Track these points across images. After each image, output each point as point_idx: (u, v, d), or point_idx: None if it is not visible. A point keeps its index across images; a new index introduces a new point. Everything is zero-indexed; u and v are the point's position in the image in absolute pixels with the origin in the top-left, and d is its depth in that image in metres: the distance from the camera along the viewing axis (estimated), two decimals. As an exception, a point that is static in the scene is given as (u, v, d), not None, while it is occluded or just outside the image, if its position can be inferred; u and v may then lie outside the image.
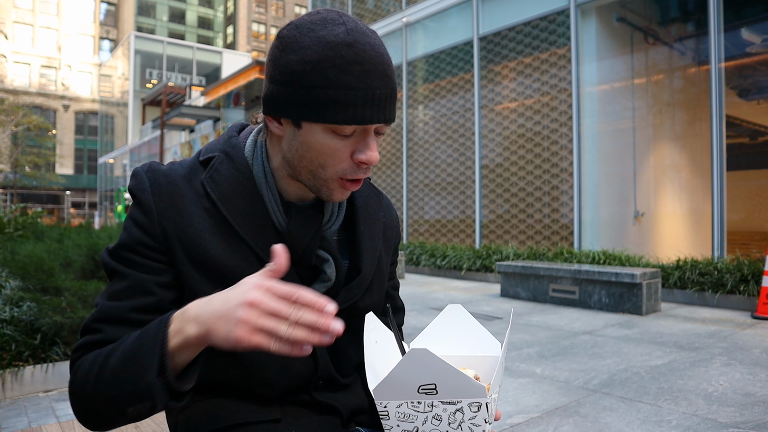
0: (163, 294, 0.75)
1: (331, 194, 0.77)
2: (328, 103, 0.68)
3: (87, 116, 45.21)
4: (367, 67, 0.68)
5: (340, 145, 0.72)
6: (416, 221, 10.98)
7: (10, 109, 29.75)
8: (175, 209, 0.76)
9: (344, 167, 0.74)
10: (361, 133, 0.73)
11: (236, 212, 0.77)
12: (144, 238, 0.75)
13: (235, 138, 0.83)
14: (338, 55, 0.68)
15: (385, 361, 0.71)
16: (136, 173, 0.79)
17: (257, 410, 0.80)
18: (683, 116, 9.66)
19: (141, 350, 0.63)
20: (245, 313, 0.58)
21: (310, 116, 0.70)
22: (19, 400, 2.81)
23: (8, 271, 3.67)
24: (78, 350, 0.72)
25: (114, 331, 0.71)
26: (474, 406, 0.60)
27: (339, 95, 0.68)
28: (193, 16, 51.16)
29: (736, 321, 4.81)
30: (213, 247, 0.75)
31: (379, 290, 0.91)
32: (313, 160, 0.74)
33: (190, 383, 0.66)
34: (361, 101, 0.68)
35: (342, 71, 0.67)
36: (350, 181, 0.75)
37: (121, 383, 0.64)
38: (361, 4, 13.00)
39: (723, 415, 2.50)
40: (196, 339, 0.62)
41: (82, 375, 0.68)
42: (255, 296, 0.58)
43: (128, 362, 0.64)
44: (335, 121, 0.69)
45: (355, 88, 0.68)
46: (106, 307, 0.73)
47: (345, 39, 0.68)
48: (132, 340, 0.66)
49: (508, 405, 2.70)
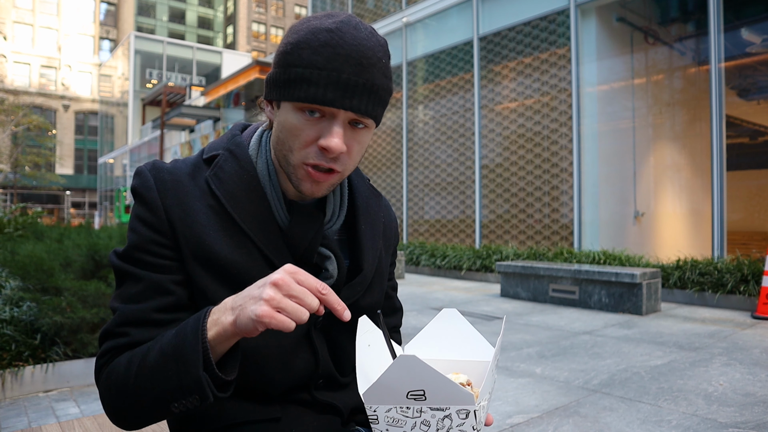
0: (180, 292, 0.75)
1: (300, 183, 0.76)
2: (295, 81, 0.70)
3: (87, 116, 45.21)
4: (338, 50, 0.69)
5: (306, 126, 0.72)
6: (416, 221, 10.98)
7: (10, 109, 29.74)
8: (181, 206, 0.76)
9: (308, 152, 0.73)
10: (329, 118, 0.72)
11: (240, 209, 0.77)
12: (154, 236, 0.75)
13: (239, 137, 0.84)
14: (315, 37, 0.70)
15: (376, 364, 0.72)
16: (139, 172, 0.79)
17: (258, 409, 0.80)
18: (683, 116, 9.66)
19: (182, 346, 0.65)
20: (269, 293, 0.61)
21: (282, 94, 0.73)
22: (19, 400, 2.81)
23: (8, 271, 3.67)
24: (104, 355, 0.73)
25: (140, 333, 0.72)
26: (462, 413, 0.60)
27: (305, 73, 0.70)
28: (193, 16, 51.16)
29: (736, 321, 4.81)
30: (218, 244, 0.76)
31: (379, 289, 0.91)
32: (285, 141, 0.75)
33: (233, 373, 0.68)
34: (324, 81, 0.69)
35: (314, 51, 0.69)
36: (314, 168, 0.74)
37: (165, 380, 0.65)
38: (361, 4, 13.00)
39: (723, 415, 2.50)
40: (231, 326, 0.64)
41: (120, 376, 0.69)
42: (281, 277, 0.62)
43: (169, 359, 0.65)
44: (298, 98, 0.71)
45: (321, 68, 0.69)
46: (128, 310, 0.73)
47: (329, 26, 0.71)
48: (170, 338, 0.67)
49: (508, 405, 2.70)
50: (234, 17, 50.56)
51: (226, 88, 17.60)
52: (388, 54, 0.76)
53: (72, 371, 3.02)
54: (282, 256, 0.78)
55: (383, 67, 0.73)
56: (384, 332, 0.74)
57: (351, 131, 0.74)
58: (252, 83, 15.36)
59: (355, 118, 0.73)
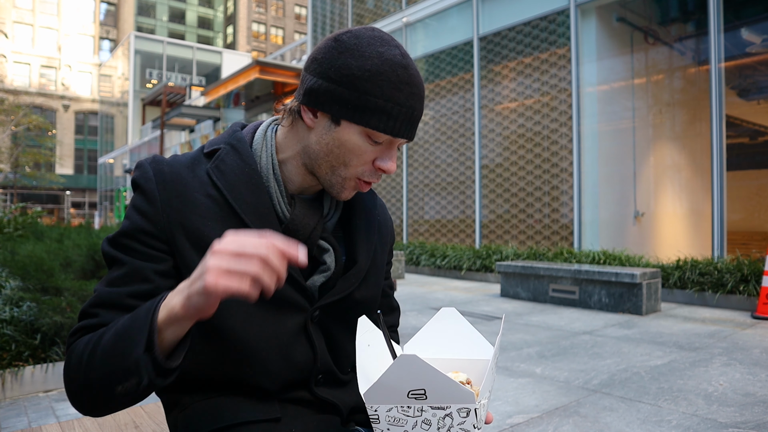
0: (160, 281, 0.76)
1: (342, 192, 0.82)
2: (375, 111, 0.75)
3: (87, 116, 45.21)
4: (413, 90, 0.77)
5: (369, 149, 0.79)
6: (416, 221, 10.98)
7: (10, 109, 29.73)
8: (180, 197, 0.78)
9: (364, 170, 0.81)
10: (388, 144, 0.80)
11: (241, 201, 0.79)
12: (146, 226, 0.76)
13: (239, 132, 0.86)
14: (395, 72, 0.76)
15: (377, 364, 0.72)
16: (140, 165, 0.81)
17: (257, 409, 0.80)
18: (683, 116, 9.66)
19: (132, 327, 0.65)
20: (211, 261, 0.59)
21: (354, 117, 0.76)
22: (19, 400, 2.81)
23: (8, 271, 3.67)
24: (74, 334, 0.74)
25: (110, 315, 0.73)
26: (463, 411, 0.60)
27: (387, 106, 0.75)
28: (193, 16, 51.16)
29: (736, 321, 4.81)
30: (217, 234, 0.76)
31: (375, 283, 0.92)
32: (340, 156, 0.79)
33: (177, 360, 0.68)
34: (402, 117, 0.77)
35: (395, 87, 0.75)
36: (364, 182, 0.82)
37: (112, 361, 0.65)
38: (361, 4, 13.01)
39: (723, 415, 2.50)
40: (181, 308, 0.63)
41: (77, 357, 0.70)
42: (218, 245, 0.60)
43: (119, 340, 0.66)
44: (376, 128, 0.76)
45: (401, 105, 0.76)
46: (104, 292, 0.74)
47: (401, 61, 0.77)
48: (125, 320, 0.68)
49: (508, 405, 2.70)
50: (234, 17, 50.56)
51: (226, 88, 17.60)
52: None
53: (72, 371, 3.02)
54: None
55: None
56: (384, 332, 0.74)
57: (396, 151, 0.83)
58: (252, 83, 15.34)
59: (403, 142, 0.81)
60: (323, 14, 14.38)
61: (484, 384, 0.63)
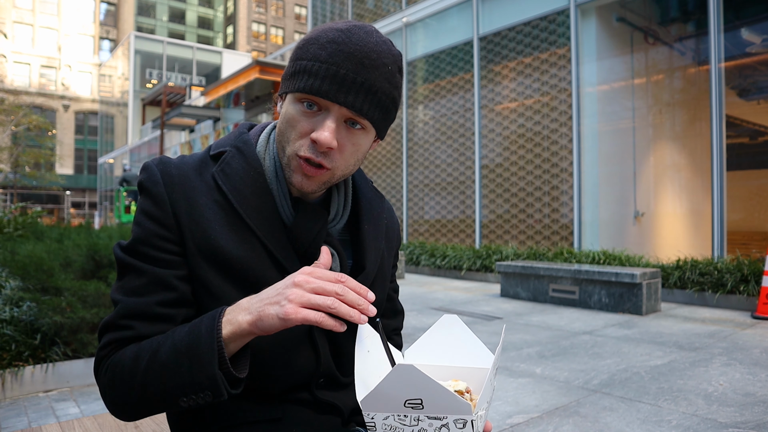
0: (183, 287, 0.76)
1: (291, 175, 0.78)
2: (298, 72, 0.74)
3: (87, 116, 45.21)
4: (342, 47, 0.72)
5: (302, 117, 0.75)
6: (416, 221, 10.98)
7: (10, 109, 29.73)
8: (187, 201, 0.77)
9: (302, 143, 0.75)
10: (325, 113, 0.74)
11: (246, 205, 0.78)
12: (159, 230, 0.76)
13: (246, 134, 0.85)
14: (325, 34, 0.73)
15: (375, 371, 0.72)
16: (146, 167, 0.80)
17: (258, 409, 0.80)
18: (683, 116, 9.66)
19: (197, 344, 0.66)
20: (292, 292, 0.64)
21: (286, 86, 0.76)
22: (19, 400, 2.81)
23: (8, 271, 3.67)
24: (106, 347, 0.74)
25: (144, 326, 0.73)
26: (459, 422, 0.60)
27: (308, 65, 0.73)
28: (193, 16, 51.15)
29: (736, 321, 4.81)
30: (223, 239, 0.76)
31: (381, 289, 0.92)
32: (284, 132, 0.78)
33: (245, 371, 0.70)
34: (323, 74, 0.71)
35: (320, 47, 0.73)
36: (306, 162, 0.75)
37: (177, 376, 0.67)
38: (361, 4, 13.00)
39: (723, 415, 2.50)
40: (248, 325, 0.66)
41: (126, 370, 0.70)
42: (300, 278, 0.65)
43: (182, 355, 0.67)
44: (297, 88, 0.73)
45: (322, 61, 0.72)
46: (131, 303, 0.74)
47: (341, 26, 0.74)
48: (183, 335, 0.68)
49: (508, 405, 2.70)
50: (234, 17, 50.55)
51: (226, 88, 17.59)
52: (399, 66, 0.77)
53: (72, 371, 3.02)
54: (286, 252, 0.79)
55: (388, 73, 0.74)
56: (383, 339, 0.74)
57: (345, 130, 0.75)
58: (252, 83, 15.34)
59: (351, 117, 0.74)
60: (323, 14, 14.38)
61: (482, 395, 0.63)
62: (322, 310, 0.63)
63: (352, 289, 0.65)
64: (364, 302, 0.65)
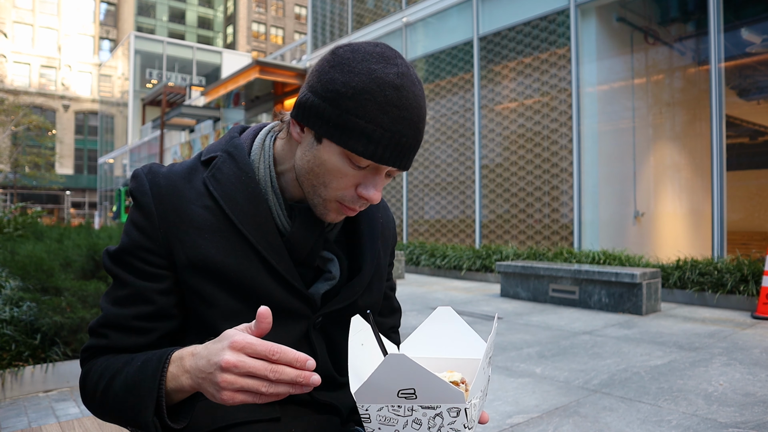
0: (163, 301, 0.77)
1: (325, 214, 0.78)
2: (355, 132, 0.70)
3: (87, 116, 45.21)
4: (404, 114, 0.70)
5: (350, 173, 0.73)
6: (416, 221, 10.98)
7: (10, 109, 29.74)
8: (176, 211, 0.76)
9: (345, 194, 0.75)
10: (374, 170, 0.74)
11: (239, 211, 0.77)
12: (144, 242, 0.76)
13: (237, 139, 0.84)
14: (382, 92, 0.69)
15: (369, 363, 0.72)
16: (136, 175, 0.80)
17: (257, 409, 0.80)
18: (683, 116, 9.66)
19: (142, 385, 0.68)
20: (222, 377, 0.60)
21: (334, 136, 0.71)
22: (19, 400, 2.81)
23: (8, 271, 3.67)
24: (87, 350, 0.78)
25: (118, 337, 0.76)
26: (453, 411, 0.60)
27: (369, 129, 0.69)
28: (193, 16, 51.16)
29: (736, 321, 4.81)
30: (213, 247, 0.76)
31: (378, 289, 0.92)
32: (320, 176, 0.75)
33: (185, 422, 0.70)
34: (386, 142, 0.70)
35: (380, 109, 0.69)
36: (347, 207, 0.77)
37: (125, 410, 0.71)
38: (361, 4, 13.00)
39: (723, 415, 2.50)
40: (190, 388, 0.67)
41: (91, 384, 0.75)
42: (229, 359, 0.60)
43: (129, 393, 0.70)
44: (355, 151, 0.70)
45: (386, 129, 0.69)
46: (111, 313, 0.76)
47: (393, 81, 0.70)
48: (134, 371, 0.70)
49: (508, 405, 2.70)
50: (234, 17, 50.56)
51: (226, 88, 17.59)
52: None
53: (72, 371, 3.02)
54: (283, 260, 0.78)
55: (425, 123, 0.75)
56: (374, 330, 0.74)
57: (385, 179, 0.77)
58: (252, 83, 15.35)
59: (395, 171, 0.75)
60: (323, 14, 14.37)
61: (475, 383, 0.63)
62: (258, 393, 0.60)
63: (287, 363, 0.60)
64: (303, 376, 0.60)
